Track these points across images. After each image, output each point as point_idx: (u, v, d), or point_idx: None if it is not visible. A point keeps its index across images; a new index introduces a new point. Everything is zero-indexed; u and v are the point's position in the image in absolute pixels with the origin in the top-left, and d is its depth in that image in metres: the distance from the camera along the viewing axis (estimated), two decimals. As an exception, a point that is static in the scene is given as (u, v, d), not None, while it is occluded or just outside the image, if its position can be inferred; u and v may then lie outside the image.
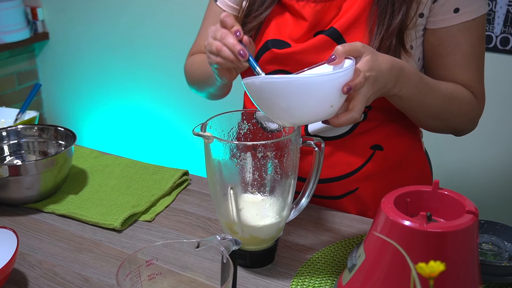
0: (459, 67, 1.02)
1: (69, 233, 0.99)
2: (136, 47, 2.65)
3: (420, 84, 0.94)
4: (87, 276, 0.88)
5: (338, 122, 0.81)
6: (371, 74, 0.82)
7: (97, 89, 2.86)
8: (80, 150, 1.28)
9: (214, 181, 0.84)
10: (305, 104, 0.76)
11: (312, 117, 0.79)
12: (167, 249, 0.74)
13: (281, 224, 0.87)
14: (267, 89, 0.76)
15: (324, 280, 0.85)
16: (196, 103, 2.56)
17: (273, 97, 0.76)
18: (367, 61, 0.82)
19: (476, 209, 0.72)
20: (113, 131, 2.89)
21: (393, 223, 0.71)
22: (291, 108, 0.76)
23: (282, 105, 0.76)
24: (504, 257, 0.86)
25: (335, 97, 0.77)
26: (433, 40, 1.01)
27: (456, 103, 1.00)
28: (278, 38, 1.05)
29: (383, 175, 1.08)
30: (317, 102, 0.76)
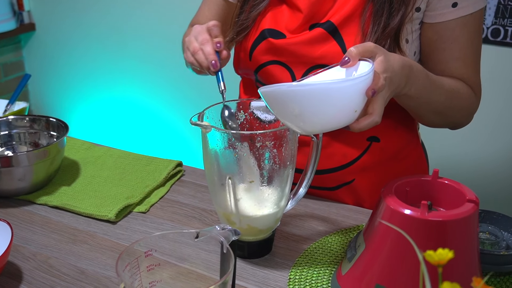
0: (457, 61, 1.01)
1: (63, 225, 0.98)
2: (125, 39, 2.63)
3: (427, 82, 0.93)
4: (83, 268, 0.86)
5: (359, 127, 0.78)
6: (387, 75, 0.80)
7: (85, 81, 2.83)
8: (71, 142, 1.26)
9: (212, 171, 0.83)
10: (329, 111, 0.73)
11: (335, 123, 0.76)
12: (166, 239, 0.73)
13: (279, 214, 0.86)
14: (287, 97, 0.73)
15: (322, 270, 0.85)
16: (186, 95, 2.55)
17: (295, 106, 0.73)
18: (381, 62, 0.80)
19: (476, 198, 0.72)
20: (101, 123, 2.86)
21: (394, 212, 0.71)
22: (315, 116, 0.73)
23: (305, 113, 0.73)
24: (501, 246, 0.86)
25: (359, 102, 0.75)
26: (430, 34, 1.01)
27: (457, 98, 1.00)
28: (275, 28, 1.04)
29: (379, 167, 1.08)
30: (341, 108, 0.74)
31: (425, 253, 0.49)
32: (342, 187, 1.08)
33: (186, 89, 2.53)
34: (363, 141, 1.06)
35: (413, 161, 1.14)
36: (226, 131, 0.80)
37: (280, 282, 0.83)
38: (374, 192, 1.08)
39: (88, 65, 2.79)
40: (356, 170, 1.07)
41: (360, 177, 1.07)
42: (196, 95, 2.49)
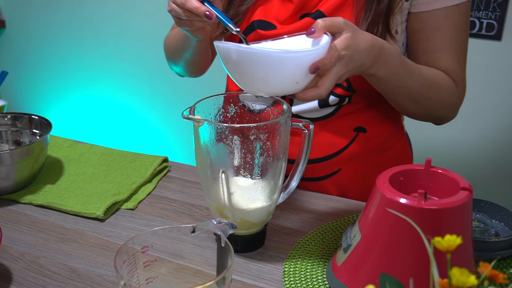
0: (439, 52, 1.01)
1: (50, 224, 0.96)
2: (98, 35, 2.59)
3: (400, 66, 0.93)
4: (74, 266, 0.85)
5: (303, 97, 0.80)
6: (347, 53, 0.80)
7: (59, 78, 2.78)
8: (53, 139, 1.24)
9: (205, 165, 0.82)
10: (269, 77, 0.76)
11: (276, 90, 0.79)
12: (162, 235, 0.72)
13: (272, 207, 0.86)
14: (235, 56, 0.76)
15: (316, 262, 0.85)
16: (163, 91, 2.53)
17: (239, 65, 0.76)
18: (345, 38, 0.80)
19: (470, 186, 0.73)
20: (79, 120, 2.82)
21: (390, 201, 0.71)
22: (256, 79, 0.76)
23: (248, 74, 0.77)
24: (491, 233, 0.87)
25: (301, 75, 0.76)
26: (414, 24, 1.01)
27: (436, 89, 1.00)
28: (264, 19, 1.04)
29: (365, 157, 1.08)
30: (282, 77, 0.76)
31: (433, 239, 0.49)
32: (328, 178, 1.08)
33: (162, 85, 2.51)
34: (350, 131, 1.06)
35: (398, 152, 1.15)
36: (219, 124, 0.79)
37: (274, 275, 0.83)
38: (359, 182, 1.09)
39: (62, 62, 2.74)
40: (343, 160, 1.07)
41: (346, 167, 1.08)
42: (173, 90, 2.48)
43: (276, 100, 0.88)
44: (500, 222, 0.91)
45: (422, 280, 0.68)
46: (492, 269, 0.49)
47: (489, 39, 1.83)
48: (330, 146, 1.06)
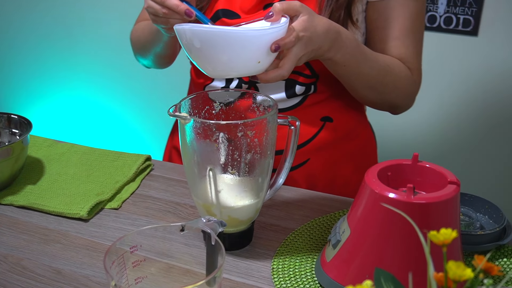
0: (395, 40, 1.04)
1: (32, 225, 0.94)
2: (72, 34, 2.55)
3: (357, 52, 0.95)
4: (58, 268, 0.83)
5: (266, 78, 0.82)
6: (305, 34, 0.82)
7: (35, 78, 2.74)
8: (32, 139, 1.22)
9: (191, 163, 0.82)
10: (231, 57, 0.77)
11: (238, 70, 0.80)
12: (150, 234, 0.71)
13: (259, 204, 0.86)
14: (195, 37, 0.77)
15: (304, 258, 0.85)
16: (139, 89, 2.51)
17: (201, 47, 0.77)
18: (302, 21, 0.82)
19: (457, 180, 0.73)
20: (56, 119, 2.78)
21: (379, 196, 0.71)
22: (217, 59, 0.77)
23: (208, 55, 0.78)
24: (475, 226, 0.88)
25: (262, 54, 0.78)
26: (371, 12, 1.04)
27: (392, 76, 1.02)
28: (229, 9, 1.04)
29: (333, 146, 1.11)
30: (244, 57, 0.77)
31: (429, 233, 0.49)
32: (298, 168, 1.10)
33: (140, 84, 2.48)
34: (317, 121, 1.08)
35: (363, 141, 1.18)
36: (206, 121, 0.78)
37: (263, 272, 0.83)
38: (327, 171, 1.12)
39: (38, 61, 2.69)
40: (311, 150, 1.09)
41: (314, 157, 1.10)
42: (151, 88, 2.46)
43: (244, 93, 0.89)
44: (485, 215, 0.92)
45: (413, 274, 0.68)
46: (487, 262, 0.50)
47: (465, 35, 1.85)
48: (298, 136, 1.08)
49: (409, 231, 0.70)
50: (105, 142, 2.67)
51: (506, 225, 0.88)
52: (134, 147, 2.62)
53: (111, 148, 1.20)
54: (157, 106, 2.37)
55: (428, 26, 1.87)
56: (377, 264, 0.71)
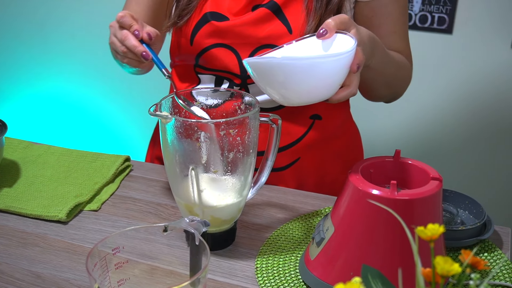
0: (393, 35, 1.08)
1: (9, 228, 0.92)
2: (47, 34, 2.51)
3: (384, 54, 0.98)
4: (38, 271, 0.82)
5: (337, 98, 0.81)
6: (361, 47, 0.83)
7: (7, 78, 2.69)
8: (7, 141, 1.19)
9: (173, 162, 0.81)
10: (316, 84, 0.76)
11: (320, 96, 0.79)
12: (133, 235, 0.70)
13: (242, 203, 0.85)
14: (273, 69, 0.74)
15: (288, 256, 0.85)
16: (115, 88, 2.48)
17: (281, 78, 0.75)
18: (355, 34, 0.82)
19: (440, 176, 0.74)
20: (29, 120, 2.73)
21: (362, 193, 0.71)
22: (301, 89, 0.76)
23: (291, 86, 0.75)
24: (456, 222, 0.89)
25: (343, 76, 0.78)
26: (367, 11, 1.06)
27: (403, 69, 1.08)
28: (217, 11, 1.04)
29: (322, 144, 1.11)
30: (328, 82, 0.77)
31: (417, 229, 0.49)
32: (289, 167, 1.09)
33: (115, 82, 2.45)
34: (306, 119, 1.08)
35: (350, 137, 1.19)
36: (187, 120, 0.77)
37: (247, 272, 0.82)
38: (317, 169, 1.13)
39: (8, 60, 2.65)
40: (302, 149, 1.09)
41: (305, 155, 1.10)
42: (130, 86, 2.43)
43: (233, 93, 0.88)
44: (465, 211, 0.93)
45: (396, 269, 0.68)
46: (474, 256, 0.50)
47: (440, 33, 1.87)
48: (288, 135, 1.07)
49: (393, 227, 0.70)
50: (82, 143, 2.63)
51: (486, 220, 0.89)
52: (113, 147, 2.59)
53: (88, 149, 1.18)
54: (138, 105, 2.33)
55: (404, 25, 1.88)
56: (361, 261, 0.71)
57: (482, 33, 1.83)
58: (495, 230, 0.91)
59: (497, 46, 1.83)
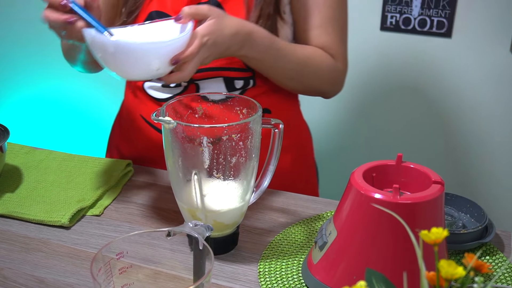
0: (318, 28, 1.09)
1: (12, 234, 0.92)
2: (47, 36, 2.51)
3: (271, 48, 1.01)
4: (41, 276, 0.82)
5: (169, 81, 0.88)
6: (210, 38, 0.88)
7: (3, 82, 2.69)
8: (9, 146, 1.19)
9: (176, 167, 0.81)
10: (131, 65, 0.83)
11: (138, 77, 0.86)
12: (137, 240, 0.70)
13: (244, 208, 0.86)
14: (99, 44, 0.82)
15: (290, 261, 0.85)
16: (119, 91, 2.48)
17: (104, 53, 0.83)
18: (209, 25, 0.87)
19: (441, 180, 0.74)
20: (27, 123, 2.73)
21: (365, 197, 0.71)
22: (119, 66, 0.83)
23: (111, 61, 0.84)
24: (458, 225, 0.89)
25: (160, 63, 0.83)
26: (294, 3, 1.08)
27: (313, 66, 1.09)
28: (162, 10, 1.06)
29: None
30: (142, 65, 0.83)
31: (421, 233, 0.49)
32: None
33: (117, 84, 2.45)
34: None
35: (301, 131, 1.23)
36: (190, 125, 0.77)
37: (250, 276, 0.82)
38: None
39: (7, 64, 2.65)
40: None
41: None
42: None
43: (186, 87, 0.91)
44: (466, 214, 0.93)
45: (400, 273, 0.68)
46: (477, 260, 0.50)
47: (439, 37, 1.87)
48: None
49: (395, 231, 0.70)
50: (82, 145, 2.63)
51: (487, 223, 0.89)
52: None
53: (89, 152, 1.18)
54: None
55: (403, 28, 1.89)
56: (364, 264, 0.71)
57: (481, 37, 1.83)
58: (497, 234, 0.91)
59: (496, 49, 1.83)
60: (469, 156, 1.99)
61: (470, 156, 1.99)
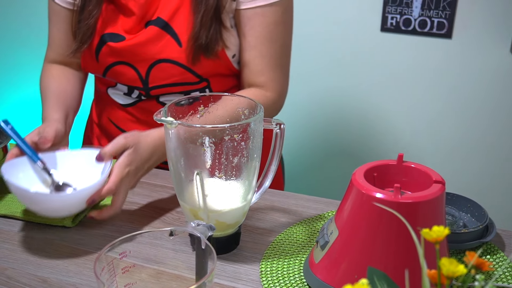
0: (253, 49, 1.10)
1: (15, 234, 0.93)
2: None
3: None
4: (44, 276, 0.82)
5: (102, 216, 0.91)
6: (131, 167, 0.92)
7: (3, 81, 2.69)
8: (11, 147, 1.20)
9: (178, 167, 0.81)
10: (48, 211, 0.87)
11: (57, 216, 0.90)
12: (140, 240, 0.71)
13: (246, 208, 0.86)
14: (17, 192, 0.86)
15: (292, 260, 0.85)
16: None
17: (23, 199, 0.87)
18: (127, 155, 0.91)
19: (442, 179, 0.75)
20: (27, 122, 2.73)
21: (366, 196, 0.72)
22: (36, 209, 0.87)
23: (28, 205, 0.88)
24: (459, 225, 0.90)
25: (78, 207, 0.88)
26: (236, 20, 1.10)
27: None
28: (113, 32, 1.11)
29: None
30: (58, 210, 0.87)
31: (422, 231, 0.50)
32: None
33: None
34: None
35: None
36: (193, 125, 0.78)
37: (252, 275, 0.83)
38: None
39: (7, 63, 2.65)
40: None
41: None
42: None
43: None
44: (467, 214, 0.93)
45: (402, 272, 0.69)
46: (478, 258, 0.51)
47: (440, 37, 1.88)
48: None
49: (396, 230, 0.71)
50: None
51: (488, 223, 0.90)
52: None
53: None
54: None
55: (404, 29, 1.89)
56: (365, 263, 0.72)
57: (482, 38, 1.84)
58: (497, 233, 0.92)
59: (496, 50, 1.84)
60: (470, 156, 1.99)
61: (471, 155, 1.99)
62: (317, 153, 2.16)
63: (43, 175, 0.93)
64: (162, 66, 1.10)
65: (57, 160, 0.96)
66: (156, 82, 1.13)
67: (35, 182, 0.93)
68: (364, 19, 1.93)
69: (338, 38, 1.98)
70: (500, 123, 1.92)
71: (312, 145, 2.15)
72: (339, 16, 1.95)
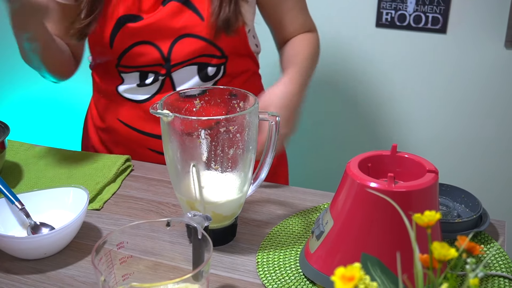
0: (292, 11, 1.20)
1: (13, 228, 0.94)
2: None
3: (310, 70, 1.18)
4: (43, 269, 0.83)
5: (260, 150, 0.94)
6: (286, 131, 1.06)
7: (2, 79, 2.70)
8: (8, 143, 1.20)
9: (175, 159, 0.82)
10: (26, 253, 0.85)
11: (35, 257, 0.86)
12: (137, 231, 0.72)
13: (242, 199, 0.87)
14: None
15: (288, 251, 0.86)
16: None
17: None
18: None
19: (436, 168, 0.76)
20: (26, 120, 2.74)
21: (360, 186, 0.73)
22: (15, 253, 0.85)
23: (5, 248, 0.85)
24: (453, 215, 0.91)
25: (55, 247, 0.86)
26: None
27: (316, 56, 1.24)
28: (130, 13, 1.09)
29: None
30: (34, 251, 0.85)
31: (414, 216, 0.51)
32: None
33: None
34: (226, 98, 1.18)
35: None
36: (189, 117, 0.79)
37: (248, 266, 0.83)
38: None
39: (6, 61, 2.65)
40: None
41: None
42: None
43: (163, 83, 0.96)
44: (461, 204, 0.94)
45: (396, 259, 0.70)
46: (470, 242, 0.52)
47: (434, 33, 1.89)
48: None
49: (390, 218, 0.72)
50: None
51: (482, 213, 0.91)
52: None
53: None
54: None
55: (398, 25, 1.90)
56: (360, 252, 0.72)
57: (476, 32, 1.85)
58: (491, 223, 0.93)
59: (491, 45, 1.85)
60: (465, 150, 2.00)
61: (466, 149, 2.00)
62: (313, 146, 2.17)
63: (21, 217, 0.91)
64: (186, 41, 1.10)
65: (35, 199, 0.93)
66: (178, 59, 1.12)
67: (12, 224, 0.91)
68: (359, 14, 1.94)
69: (333, 34, 1.99)
70: (495, 117, 1.93)
71: (308, 138, 2.16)
72: (333, 12, 1.96)
